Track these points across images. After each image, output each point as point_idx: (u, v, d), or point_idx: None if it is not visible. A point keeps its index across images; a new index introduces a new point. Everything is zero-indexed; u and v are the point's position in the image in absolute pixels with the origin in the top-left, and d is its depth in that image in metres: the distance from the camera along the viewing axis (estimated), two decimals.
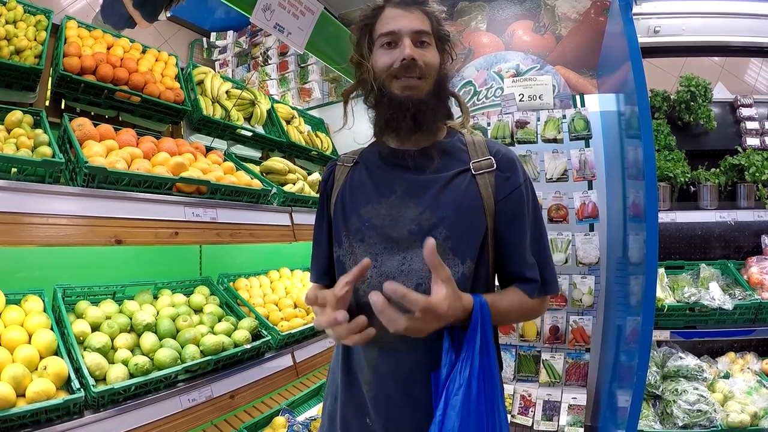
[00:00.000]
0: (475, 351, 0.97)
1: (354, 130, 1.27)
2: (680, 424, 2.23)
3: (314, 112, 3.76)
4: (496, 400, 1.00)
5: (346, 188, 1.22)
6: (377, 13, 1.15)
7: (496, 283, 1.22)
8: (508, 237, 1.13)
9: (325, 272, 1.29)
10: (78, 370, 1.45)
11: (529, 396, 2.60)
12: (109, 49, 2.17)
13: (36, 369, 1.38)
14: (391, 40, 1.12)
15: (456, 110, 1.29)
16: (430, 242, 0.91)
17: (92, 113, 2.05)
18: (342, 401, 1.18)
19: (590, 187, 2.65)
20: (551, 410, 2.54)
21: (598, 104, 2.86)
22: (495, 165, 1.14)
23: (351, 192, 1.21)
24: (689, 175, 2.66)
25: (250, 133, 2.67)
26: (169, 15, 2.04)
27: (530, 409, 2.57)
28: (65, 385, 1.41)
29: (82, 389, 1.38)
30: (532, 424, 2.55)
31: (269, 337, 2.10)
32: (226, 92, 2.67)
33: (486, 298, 1.02)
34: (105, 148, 1.74)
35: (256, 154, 2.84)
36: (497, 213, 1.12)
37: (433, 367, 1.03)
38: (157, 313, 1.88)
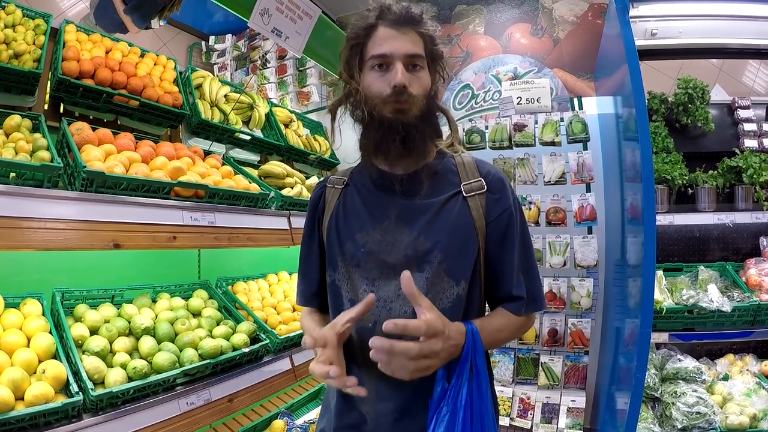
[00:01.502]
0: (464, 379, 1.00)
1: (350, 135, 1.27)
2: (679, 426, 2.23)
3: (312, 116, 3.76)
4: (486, 425, 1.02)
5: (340, 212, 1.21)
6: (369, 32, 1.12)
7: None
8: (498, 256, 1.14)
9: (315, 294, 1.28)
10: (77, 374, 1.45)
11: (528, 399, 2.60)
12: (107, 53, 2.18)
13: (35, 372, 1.38)
14: (382, 62, 1.09)
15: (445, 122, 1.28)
16: (406, 275, 0.94)
17: (91, 117, 2.05)
18: (337, 419, 1.18)
19: (588, 190, 2.65)
20: (550, 413, 2.54)
21: (596, 107, 2.87)
22: (485, 187, 1.15)
23: (345, 216, 1.20)
24: (687, 178, 2.67)
25: (248, 137, 2.68)
26: (163, 23, 2.04)
27: (529, 412, 2.57)
28: (64, 388, 1.41)
29: (80, 393, 1.38)
30: (531, 427, 2.54)
31: (267, 341, 2.10)
32: (225, 96, 2.68)
33: (476, 325, 1.05)
34: (103, 152, 1.74)
35: (255, 157, 2.85)
36: (488, 233, 1.14)
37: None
38: (156, 317, 1.88)
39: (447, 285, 1.10)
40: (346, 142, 1.30)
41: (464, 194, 1.14)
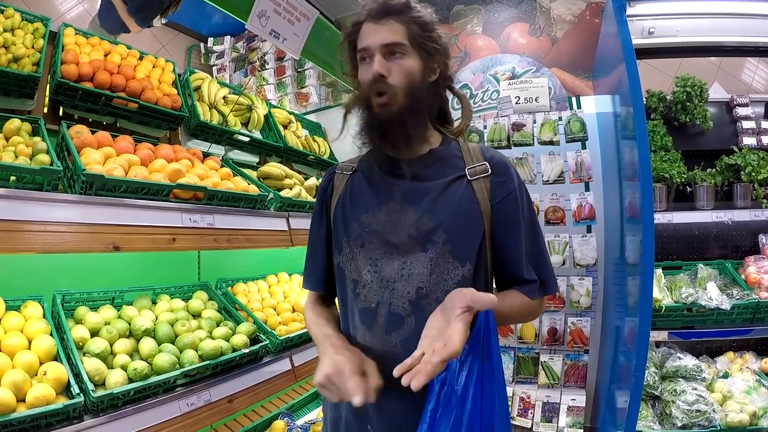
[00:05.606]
0: (476, 356, 0.98)
1: (350, 133, 1.29)
2: (679, 424, 2.23)
3: (311, 117, 3.77)
4: (495, 405, 1.00)
5: (346, 196, 1.24)
6: (357, 29, 1.17)
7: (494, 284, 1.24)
8: (505, 240, 1.15)
9: (322, 279, 1.30)
10: (77, 376, 1.45)
11: (528, 398, 2.60)
12: (106, 56, 2.18)
13: (36, 374, 1.39)
14: (365, 56, 1.14)
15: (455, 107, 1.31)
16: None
17: (90, 120, 2.05)
18: (344, 407, 1.19)
19: (587, 189, 2.65)
20: (550, 412, 2.55)
21: (594, 106, 2.87)
22: (490, 170, 1.17)
23: (351, 199, 1.23)
24: (685, 176, 2.67)
25: (247, 139, 2.68)
26: (164, 21, 2.05)
27: (529, 411, 2.57)
28: (65, 390, 1.41)
29: (81, 394, 1.39)
30: (532, 426, 2.55)
31: (267, 342, 2.10)
32: (224, 98, 2.69)
33: None
34: (103, 155, 1.74)
35: (254, 159, 2.85)
36: (494, 217, 1.15)
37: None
38: (156, 319, 1.89)
39: (452, 266, 1.11)
40: (346, 144, 1.32)
41: (469, 178, 1.16)
